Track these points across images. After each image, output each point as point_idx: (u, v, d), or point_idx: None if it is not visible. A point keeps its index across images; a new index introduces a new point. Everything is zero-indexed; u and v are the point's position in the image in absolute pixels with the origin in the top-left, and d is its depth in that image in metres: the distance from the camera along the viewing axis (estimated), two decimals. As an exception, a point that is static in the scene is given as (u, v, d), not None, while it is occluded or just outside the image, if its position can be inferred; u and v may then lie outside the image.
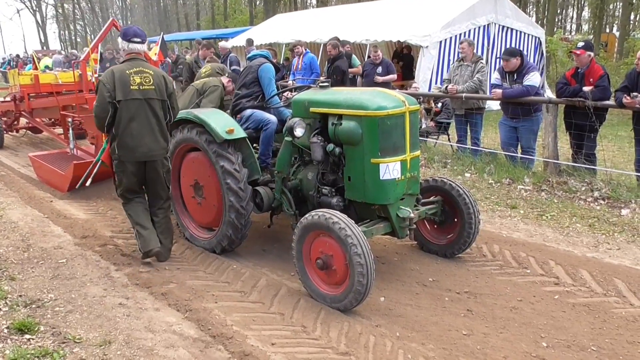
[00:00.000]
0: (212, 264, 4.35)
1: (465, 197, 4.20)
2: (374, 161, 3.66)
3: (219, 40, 18.73)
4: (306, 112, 4.05)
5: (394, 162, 3.70)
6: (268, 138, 4.66)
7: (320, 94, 4.09)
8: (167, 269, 4.23)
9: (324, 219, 3.46)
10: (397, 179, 3.72)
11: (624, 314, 3.56)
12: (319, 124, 4.01)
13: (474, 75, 7.20)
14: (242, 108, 4.79)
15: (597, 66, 6.26)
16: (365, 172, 3.71)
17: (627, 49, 21.54)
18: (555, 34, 21.27)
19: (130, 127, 4.08)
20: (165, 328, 3.30)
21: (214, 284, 3.98)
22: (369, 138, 3.66)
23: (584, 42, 6.42)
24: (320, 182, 4.07)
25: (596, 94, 6.02)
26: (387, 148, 3.67)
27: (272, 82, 4.83)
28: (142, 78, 4.11)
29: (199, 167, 4.53)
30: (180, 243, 4.80)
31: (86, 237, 4.82)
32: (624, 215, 5.37)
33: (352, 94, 3.95)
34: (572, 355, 3.11)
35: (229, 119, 4.45)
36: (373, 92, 3.98)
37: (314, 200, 4.11)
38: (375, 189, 3.71)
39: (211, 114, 4.47)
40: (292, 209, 4.26)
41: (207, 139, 4.27)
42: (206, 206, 4.57)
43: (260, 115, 4.69)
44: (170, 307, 3.59)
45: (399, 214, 3.80)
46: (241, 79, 4.95)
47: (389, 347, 3.13)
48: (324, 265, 3.55)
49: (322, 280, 3.65)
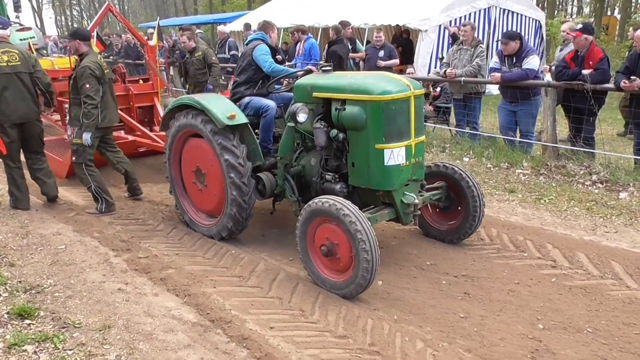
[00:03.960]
0: (210, 249, 4.36)
1: (470, 182, 4.16)
2: (378, 147, 3.61)
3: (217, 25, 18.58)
4: (309, 97, 3.98)
5: (399, 147, 3.64)
6: (268, 124, 4.60)
7: (324, 79, 4.01)
8: (166, 254, 4.25)
9: (334, 209, 3.37)
10: (402, 164, 3.68)
11: (620, 296, 3.58)
12: (322, 109, 3.94)
13: (473, 59, 7.15)
14: (241, 96, 4.73)
15: (597, 49, 6.21)
16: (370, 157, 3.66)
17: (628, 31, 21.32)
18: (556, 17, 21.09)
19: (5, 96, 4.93)
20: (164, 313, 3.32)
21: (213, 269, 4.00)
22: (373, 123, 3.60)
23: (583, 25, 6.37)
24: (323, 168, 4.02)
25: (595, 77, 5.98)
26: (392, 133, 3.62)
27: (267, 56, 4.65)
28: (9, 56, 4.96)
29: (201, 154, 4.47)
30: (178, 229, 4.81)
31: (85, 224, 4.83)
32: (622, 198, 5.38)
33: (356, 79, 3.87)
34: (568, 337, 3.14)
35: (230, 105, 4.39)
36: (377, 77, 3.91)
37: (317, 186, 4.07)
38: (379, 174, 3.67)
39: (212, 99, 4.40)
40: (295, 196, 4.21)
41: (212, 129, 4.20)
42: (207, 194, 4.54)
43: (259, 101, 4.63)
44: (169, 292, 3.61)
45: (404, 200, 3.76)
46: (238, 64, 4.89)
47: (386, 330, 3.16)
48: (328, 252, 3.52)
49: (324, 266, 3.63)
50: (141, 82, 7.48)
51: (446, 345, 3.03)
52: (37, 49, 11.21)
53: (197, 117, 4.34)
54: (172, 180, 4.84)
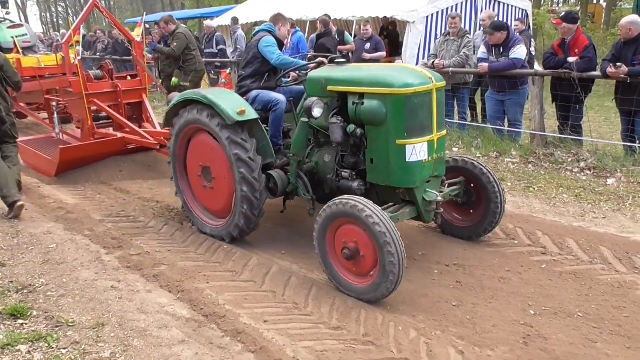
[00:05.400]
0: (202, 245, 4.36)
1: (490, 176, 4.01)
2: (399, 142, 3.44)
3: (204, 19, 18.41)
4: (323, 90, 3.79)
5: (421, 142, 3.46)
6: (278, 119, 4.38)
7: (338, 71, 3.83)
8: (158, 250, 4.24)
9: (356, 210, 3.21)
10: (424, 160, 3.51)
11: (609, 280, 3.64)
12: (337, 103, 3.77)
13: (460, 49, 7.17)
14: (248, 89, 4.54)
15: (582, 37, 6.27)
16: (390, 153, 3.49)
17: (614, 19, 21.48)
18: (543, 6, 21.19)
19: None
20: (157, 309, 3.32)
21: (205, 264, 4.00)
22: (394, 117, 3.42)
23: (565, 13, 6.43)
24: (339, 164, 3.86)
25: (581, 65, 6.03)
26: (414, 128, 3.44)
27: (274, 48, 4.46)
28: None
29: (208, 150, 4.29)
30: (170, 225, 4.80)
31: (75, 222, 4.80)
32: (609, 184, 5.45)
33: (373, 71, 3.72)
34: (559, 322, 3.19)
35: (239, 99, 4.21)
36: (397, 68, 3.75)
37: (332, 183, 3.92)
38: (400, 171, 3.50)
39: (220, 93, 4.22)
40: (308, 194, 4.07)
41: (219, 123, 4.02)
42: (215, 192, 4.35)
43: (267, 95, 4.43)
44: (162, 288, 3.61)
45: (425, 197, 3.61)
46: (244, 57, 4.69)
47: (379, 320, 3.18)
48: (350, 255, 3.35)
49: (347, 269, 3.46)
50: (129, 78, 7.41)
51: (439, 333, 3.06)
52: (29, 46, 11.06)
53: (202, 111, 4.15)
54: (177, 180, 4.67)
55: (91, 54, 14.67)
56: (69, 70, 6.82)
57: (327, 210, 3.41)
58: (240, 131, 4.01)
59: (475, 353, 2.86)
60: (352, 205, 3.25)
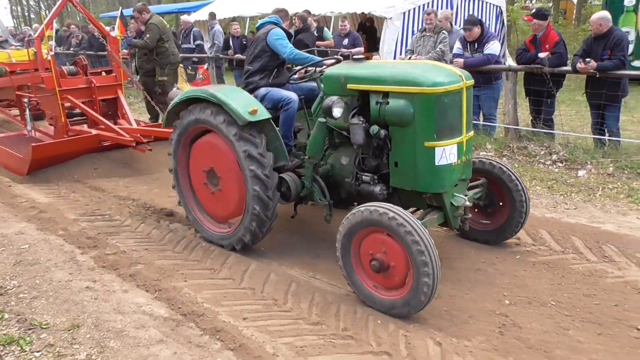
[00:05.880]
0: (180, 243, 4.32)
1: (512, 175, 3.84)
2: (428, 144, 3.22)
3: (181, 14, 18.16)
4: (342, 89, 3.56)
5: (451, 144, 3.26)
6: (290, 118, 4.10)
7: (359, 68, 3.59)
8: (135, 250, 4.18)
9: (386, 218, 2.99)
10: (454, 163, 3.31)
11: (581, 269, 3.74)
12: (357, 102, 3.54)
13: (436, 45, 7.24)
14: (257, 86, 4.25)
15: (553, 33, 6.40)
16: (417, 156, 3.27)
17: (585, 15, 21.96)
18: (516, 3, 21.51)
19: None
20: (134, 309, 3.28)
21: (183, 263, 3.96)
22: (423, 118, 3.21)
23: (535, 10, 6.56)
24: (359, 167, 3.63)
25: (553, 60, 6.16)
26: (444, 129, 3.23)
27: (286, 41, 4.18)
28: None
29: (213, 152, 4.00)
30: (147, 223, 4.74)
31: (49, 221, 4.70)
32: (580, 176, 5.58)
33: (398, 68, 3.51)
34: (533, 311, 3.26)
35: (250, 98, 3.93)
36: (424, 66, 3.53)
37: (351, 188, 3.68)
38: (429, 175, 3.29)
39: (229, 91, 3.92)
40: (325, 199, 3.82)
41: (225, 119, 3.76)
42: (223, 197, 4.05)
43: (278, 93, 4.15)
44: (139, 287, 3.56)
45: (453, 202, 3.42)
46: (250, 52, 4.37)
47: (359, 315, 3.20)
48: (380, 267, 3.13)
49: (375, 282, 3.25)
50: (104, 74, 7.28)
51: (417, 326, 3.10)
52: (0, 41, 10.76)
53: (206, 109, 3.89)
54: (180, 186, 4.38)
55: (65, 49, 14.34)
56: (41, 66, 6.66)
57: (353, 219, 3.16)
58: (249, 127, 3.76)
59: (452, 344, 2.90)
60: (382, 213, 3.01)
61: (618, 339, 2.96)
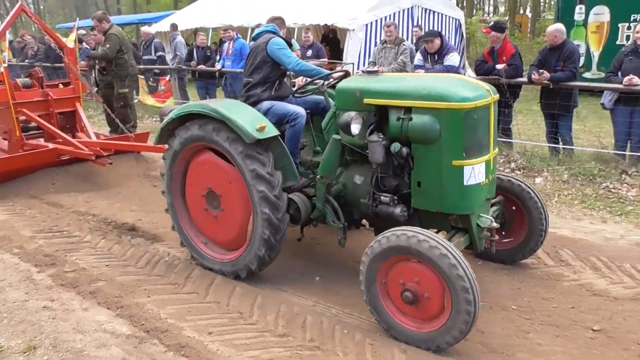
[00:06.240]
0: (142, 258, 4.22)
1: (531, 192, 3.72)
2: (456, 163, 3.03)
3: (142, 25, 17.91)
4: (357, 103, 3.33)
5: (480, 163, 3.09)
6: (297, 135, 3.84)
7: (377, 82, 3.38)
8: (95, 266, 4.06)
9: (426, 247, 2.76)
10: (482, 182, 3.14)
11: (539, 274, 3.87)
12: (374, 118, 3.33)
13: (397, 57, 7.40)
14: (259, 100, 3.96)
15: (509, 45, 6.65)
16: (444, 176, 3.08)
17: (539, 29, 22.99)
18: (475, 16, 22.26)
19: None
20: (95, 328, 3.18)
21: (146, 278, 3.87)
22: (451, 135, 3.01)
23: (493, 23, 6.82)
24: (376, 187, 3.41)
25: (509, 71, 6.40)
26: (473, 147, 3.05)
27: (288, 51, 3.96)
28: None
29: (213, 171, 3.70)
30: (107, 239, 4.61)
31: (3, 239, 4.52)
32: (537, 183, 5.79)
33: (421, 82, 3.31)
34: (495, 315, 3.35)
35: (256, 113, 3.64)
36: (449, 80, 3.32)
37: (367, 209, 3.46)
38: (457, 196, 3.10)
39: (232, 106, 3.61)
40: (339, 221, 3.57)
41: (229, 137, 3.46)
42: (225, 220, 3.74)
43: (283, 107, 3.88)
44: (100, 305, 3.46)
45: (480, 223, 3.25)
46: (249, 63, 4.08)
47: (325, 325, 3.21)
48: (414, 299, 2.90)
49: (405, 314, 3.01)
50: (61, 87, 7.08)
51: (384, 334, 3.12)
52: None
53: (206, 126, 3.58)
54: (174, 209, 4.01)
55: (20, 61, 13.89)
56: (-6, 78, 6.41)
57: (379, 246, 2.93)
58: (255, 144, 3.46)
59: (417, 351, 2.94)
60: (421, 240, 2.77)
61: (575, 341, 3.07)
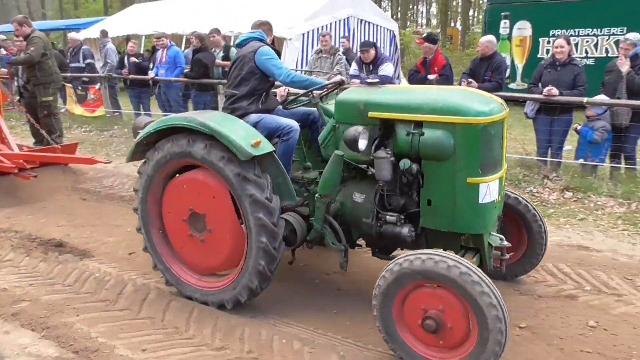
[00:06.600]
0: (71, 275, 4.01)
1: (529, 205, 3.64)
2: (471, 180, 2.88)
3: (69, 31, 17.12)
4: (361, 117, 3.14)
5: (494, 180, 2.96)
6: (289, 150, 3.60)
7: (382, 94, 3.20)
8: (18, 286, 3.82)
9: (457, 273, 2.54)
10: (496, 200, 3.02)
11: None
12: (379, 132, 3.15)
13: (333, 66, 7.55)
14: (246, 113, 3.68)
15: (440, 57, 6.97)
16: (458, 194, 2.92)
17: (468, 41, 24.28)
18: (408, 28, 23.12)
19: None
20: (18, 351, 3.00)
21: (75, 296, 3.69)
22: (466, 151, 2.87)
23: (426, 34, 7.13)
24: (380, 206, 3.22)
25: (441, 81, 6.69)
26: (488, 163, 2.92)
27: (278, 61, 3.71)
28: None
29: (197, 190, 3.36)
30: (32, 257, 4.35)
31: None
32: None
33: (431, 94, 3.11)
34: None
35: (248, 127, 3.38)
36: (460, 93, 3.14)
37: (370, 229, 3.26)
38: (471, 214, 2.95)
39: (222, 120, 3.33)
40: (339, 243, 3.35)
41: (223, 156, 3.17)
42: (210, 245, 3.41)
43: (274, 120, 3.62)
44: (24, 327, 3.27)
45: (491, 242, 3.12)
46: (234, 73, 3.77)
47: (264, 336, 3.19)
48: (437, 328, 2.68)
49: (425, 343, 2.80)
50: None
51: (323, 341, 3.16)
52: None
53: (196, 142, 3.24)
54: (149, 233, 3.63)
55: None
56: None
57: (397, 271, 2.71)
58: (252, 166, 3.21)
59: (355, 355, 2.99)
60: (451, 265, 2.56)
61: (502, 337, 3.23)
